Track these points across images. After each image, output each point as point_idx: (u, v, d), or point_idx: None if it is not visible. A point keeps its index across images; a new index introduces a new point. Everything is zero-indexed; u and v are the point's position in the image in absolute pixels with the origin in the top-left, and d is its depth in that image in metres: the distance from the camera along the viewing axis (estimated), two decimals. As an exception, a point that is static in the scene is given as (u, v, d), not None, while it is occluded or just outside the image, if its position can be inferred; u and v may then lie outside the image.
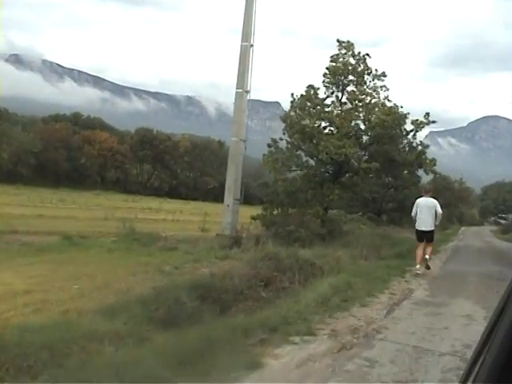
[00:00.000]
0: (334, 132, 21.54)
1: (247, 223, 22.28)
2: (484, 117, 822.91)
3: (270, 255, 11.85)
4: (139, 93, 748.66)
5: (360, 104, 21.82)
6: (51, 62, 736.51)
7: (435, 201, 13.36)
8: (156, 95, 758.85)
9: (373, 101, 21.78)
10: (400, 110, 21.40)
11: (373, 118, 20.40)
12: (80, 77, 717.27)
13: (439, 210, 13.08)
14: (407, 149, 22.66)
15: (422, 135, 25.22)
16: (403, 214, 42.33)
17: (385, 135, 20.67)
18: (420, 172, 42.73)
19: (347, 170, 21.47)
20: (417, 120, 21.28)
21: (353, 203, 43.03)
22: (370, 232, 22.58)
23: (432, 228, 13.11)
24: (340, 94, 22.61)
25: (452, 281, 11.61)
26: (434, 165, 22.44)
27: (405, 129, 21.33)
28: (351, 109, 21.90)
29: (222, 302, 7.68)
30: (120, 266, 13.65)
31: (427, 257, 12.99)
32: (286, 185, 21.44)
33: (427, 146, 24.10)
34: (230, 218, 23.12)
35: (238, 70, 23.80)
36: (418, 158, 21.59)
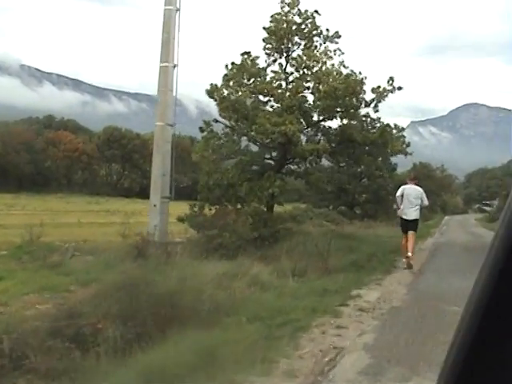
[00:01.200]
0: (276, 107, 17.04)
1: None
2: (464, 105, 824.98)
3: (128, 283, 7.39)
4: (119, 94, 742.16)
5: (308, 72, 17.28)
6: (29, 67, 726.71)
7: (421, 189, 13.05)
8: (136, 96, 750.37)
9: (324, 68, 17.21)
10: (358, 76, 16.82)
11: (321, 87, 15.84)
12: (59, 80, 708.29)
13: (425, 202, 12.95)
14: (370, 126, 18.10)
15: (403, 124, 20.70)
16: (378, 206, 38.03)
17: (337, 107, 16.12)
18: (396, 159, 38.62)
19: (295, 154, 16.91)
20: (378, 87, 16.67)
21: (323, 196, 38.79)
22: (325, 231, 18.10)
23: (417, 217, 12.82)
24: (284, 62, 18.06)
25: (421, 318, 6.99)
26: (403, 144, 17.87)
27: (363, 98, 16.70)
28: (298, 78, 17.35)
29: None
30: None
31: (409, 254, 12.36)
32: (217, 177, 16.90)
33: (402, 129, 19.49)
34: (158, 220, 18.83)
35: (162, 40, 19.39)
36: (382, 135, 17.00)
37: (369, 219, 35.12)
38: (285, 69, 18.12)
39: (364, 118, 18.31)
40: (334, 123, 18.06)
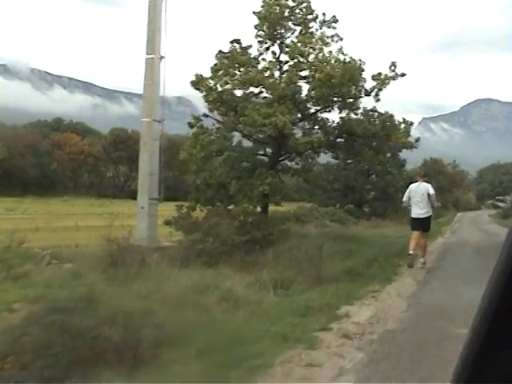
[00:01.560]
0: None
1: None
2: (476, 100, 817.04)
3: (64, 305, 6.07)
4: (129, 96, 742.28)
5: (304, 60, 15.86)
6: (40, 71, 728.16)
7: (428, 184, 12.40)
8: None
9: (320, 55, 15.75)
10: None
11: (317, 75, 14.38)
12: (70, 83, 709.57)
13: (431, 191, 12.08)
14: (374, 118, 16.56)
15: (414, 122, 19.14)
16: (387, 203, 36.43)
17: (333, 96, 14.64)
18: (407, 155, 36.95)
19: (288, 149, 15.48)
20: (379, 74, 15.14)
21: (329, 195, 37.32)
22: (325, 233, 16.65)
23: (428, 215, 12.17)
24: (278, 50, 16.65)
25: (420, 348, 5.42)
26: (408, 136, 16.30)
27: (362, 86, 15.18)
28: (292, 66, 15.94)
29: None
30: None
31: (422, 260, 12.04)
32: (204, 176, 15.55)
33: (410, 124, 17.94)
34: (146, 223, 17.67)
35: (148, 30, 18.26)
36: (384, 127, 15.48)
37: (377, 218, 33.60)
38: (278, 57, 16.75)
39: (371, 113, 16.93)
40: (334, 116, 16.68)
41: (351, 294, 8.21)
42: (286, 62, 16.75)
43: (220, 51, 16.01)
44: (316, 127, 16.22)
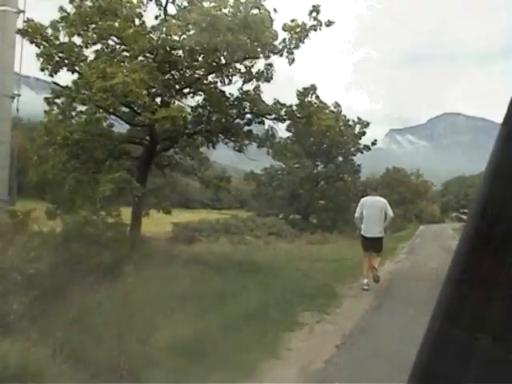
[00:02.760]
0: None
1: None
2: (443, 114, 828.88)
3: None
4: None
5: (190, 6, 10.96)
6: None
7: (384, 200, 10.75)
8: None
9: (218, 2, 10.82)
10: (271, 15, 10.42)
11: (191, 16, 9.47)
12: (37, 84, 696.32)
13: (390, 213, 10.58)
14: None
15: (380, 133, 14.73)
16: (337, 214, 31.67)
17: (219, 49, 9.67)
18: (367, 163, 32.44)
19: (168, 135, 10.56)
20: (294, 21, 10.21)
21: (271, 203, 32.56)
22: (221, 255, 11.74)
23: (381, 235, 10.62)
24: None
25: None
26: (338, 120, 11.40)
27: (271, 38, 10.18)
28: (173, 16, 11.02)
29: None
30: None
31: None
32: (44, 170, 10.53)
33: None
34: None
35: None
36: (303, 107, 10.61)
37: (325, 230, 28.83)
38: (165, 7, 11.84)
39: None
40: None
41: None
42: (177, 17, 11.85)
43: (69, -7, 10.96)
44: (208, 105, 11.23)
